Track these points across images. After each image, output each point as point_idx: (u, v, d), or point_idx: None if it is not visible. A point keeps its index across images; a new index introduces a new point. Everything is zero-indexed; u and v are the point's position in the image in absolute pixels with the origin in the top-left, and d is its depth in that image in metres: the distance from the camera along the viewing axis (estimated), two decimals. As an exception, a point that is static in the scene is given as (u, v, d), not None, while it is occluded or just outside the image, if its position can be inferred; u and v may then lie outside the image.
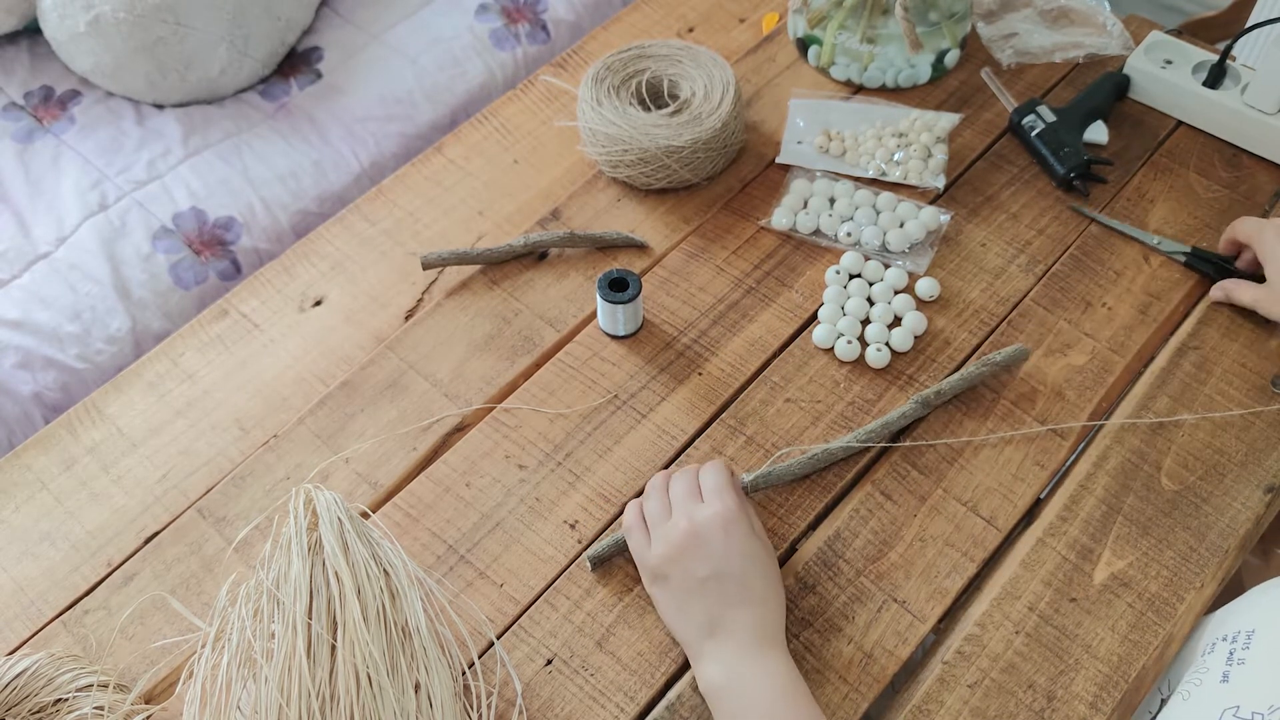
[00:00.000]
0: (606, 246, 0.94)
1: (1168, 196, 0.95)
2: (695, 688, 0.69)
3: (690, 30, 1.14)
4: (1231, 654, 0.59)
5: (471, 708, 0.67)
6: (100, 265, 1.11)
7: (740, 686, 0.65)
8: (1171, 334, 0.86)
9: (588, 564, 0.74)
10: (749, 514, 0.71)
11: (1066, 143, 0.96)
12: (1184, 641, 0.70)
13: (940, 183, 0.96)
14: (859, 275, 0.90)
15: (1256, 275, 0.87)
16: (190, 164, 1.21)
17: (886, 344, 0.85)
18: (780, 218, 0.93)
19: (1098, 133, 0.98)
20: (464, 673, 0.68)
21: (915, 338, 0.86)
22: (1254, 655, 0.58)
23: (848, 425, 0.81)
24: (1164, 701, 0.66)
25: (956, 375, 0.81)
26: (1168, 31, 1.04)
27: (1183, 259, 0.89)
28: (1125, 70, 1.01)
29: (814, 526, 0.76)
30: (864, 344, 0.85)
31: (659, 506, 0.72)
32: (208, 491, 0.80)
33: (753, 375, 0.85)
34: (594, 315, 0.89)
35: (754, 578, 0.67)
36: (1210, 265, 0.89)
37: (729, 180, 0.98)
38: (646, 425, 0.82)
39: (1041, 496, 0.78)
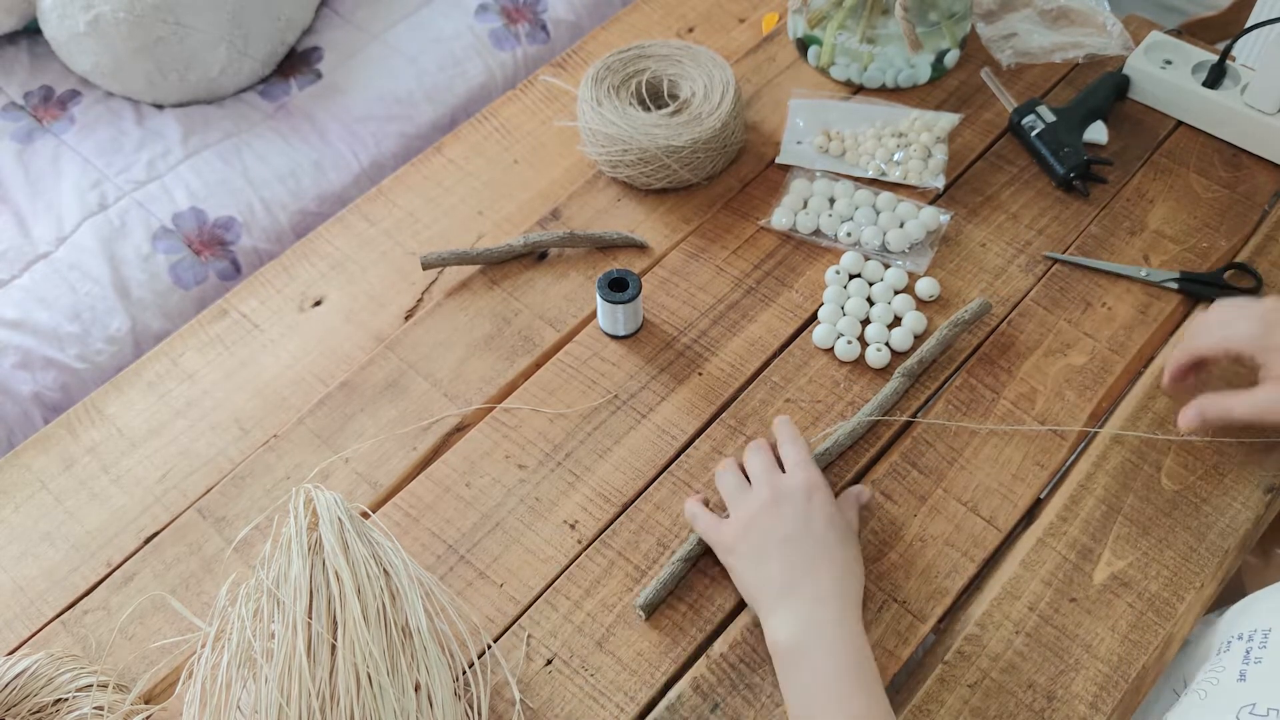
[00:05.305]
0: (606, 246, 0.94)
1: (1167, 196, 0.95)
2: (695, 688, 0.69)
3: (690, 30, 1.14)
4: (1248, 652, 0.59)
5: (471, 708, 0.67)
6: (100, 265, 1.11)
7: (810, 649, 0.63)
8: (1171, 334, 0.86)
9: (640, 613, 0.72)
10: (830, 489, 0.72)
11: (1066, 143, 0.96)
12: (1188, 639, 0.70)
13: (940, 183, 0.96)
14: (859, 275, 0.90)
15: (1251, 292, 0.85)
16: (190, 164, 1.21)
17: (886, 344, 0.85)
18: (780, 218, 0.93)
19: (1097, 133, 0.98)
20: (464, 673, 0.68)
21: (915, 337, 0.86)
22: (1270, 654, 0.58)
23: (848, 425, 0.81)
24: (1179, 698, 0.66)
25: (931, 339, 0.83)
26: (1167, 31, 1.04)
27: (1175, 286, 0.88)
28: (1125, 70, 1.01)
29: (814, 526, 0.77)
30: (864, 344, 0.85)
31: (735, 481, 0.73)
32: (208, 491, 0.80)
33: (753, 375, 0.85)
34: (594, 315, 0.89)
35: (834, 543, 0.67)
36: (1203, 286, 0.87)
37: (729, 180, 0.98)
38: (646, 425, 0.82)
39: (1041, 496, 0.78)
